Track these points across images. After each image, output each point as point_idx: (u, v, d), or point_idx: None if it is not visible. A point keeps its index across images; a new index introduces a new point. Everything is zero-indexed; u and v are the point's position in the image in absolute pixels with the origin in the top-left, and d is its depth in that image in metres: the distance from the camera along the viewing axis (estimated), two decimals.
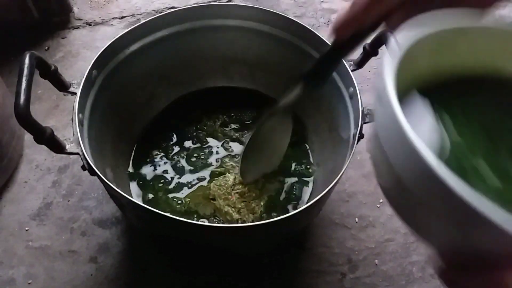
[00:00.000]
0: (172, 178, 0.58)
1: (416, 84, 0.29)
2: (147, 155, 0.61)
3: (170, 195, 0.57)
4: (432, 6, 0.26)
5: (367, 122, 0.49)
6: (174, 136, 0.63)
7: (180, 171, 0.59)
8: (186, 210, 0.55)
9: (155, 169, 0.59)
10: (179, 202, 0.56)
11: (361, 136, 0.47)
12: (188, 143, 0.62)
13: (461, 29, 0.28)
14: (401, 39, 0.25)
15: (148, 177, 0.59)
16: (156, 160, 0.60)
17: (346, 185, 0.64)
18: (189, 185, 0.58)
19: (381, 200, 0.63)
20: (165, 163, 0.60)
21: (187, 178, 0.58)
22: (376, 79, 0.29)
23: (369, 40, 0.48)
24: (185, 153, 0.61)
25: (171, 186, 0.58)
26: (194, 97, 0.67)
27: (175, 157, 0.60)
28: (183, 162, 0.60)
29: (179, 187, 0.58)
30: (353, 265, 0.57)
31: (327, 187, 0.43)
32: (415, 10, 0.26)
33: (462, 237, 0.22)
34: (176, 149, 0.61)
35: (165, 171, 0.59)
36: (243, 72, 0.65)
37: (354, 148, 0.46)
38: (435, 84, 0.29)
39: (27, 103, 0.38)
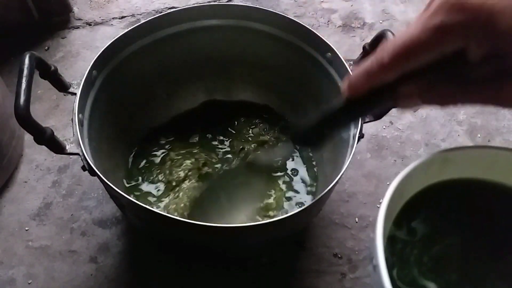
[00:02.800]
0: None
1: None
2: (147, 155, 0.61)
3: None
4: (446, 94, 0.24)
5: (367, 122, 0.49)
6: (174, 136, 0.63)
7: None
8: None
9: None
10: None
11: (361, 136, 0.47)
12: (188, 143, 0.62)
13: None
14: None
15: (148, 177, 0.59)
16: (156, 160, 0.60)
17: (346, 185, 0.64)
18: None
19: (381, 200, 0.63)
20: (164, 163, 0.60)
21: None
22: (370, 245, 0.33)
23: (368, 39, 0.48)
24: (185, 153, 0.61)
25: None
26: (194, 97, 0.67)
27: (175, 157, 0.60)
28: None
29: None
30: (353, 265, 0.57)
31: (327, 187, 0.43)
32: (437, 89, 0.24)
33: None
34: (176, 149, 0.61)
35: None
36: (243, 72, 0.65)
37: (354, 148, 0.45)
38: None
39: (27, 104, 0.38)
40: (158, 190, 0.58)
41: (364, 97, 0.26)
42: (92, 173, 0.43)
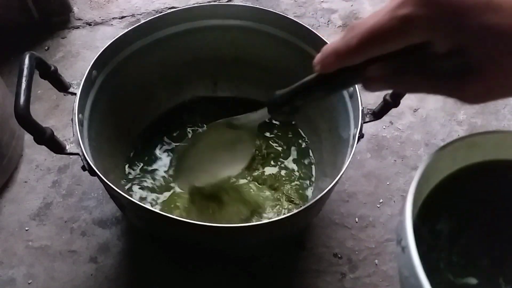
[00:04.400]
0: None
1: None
2: (147, 156, 0.61)
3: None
4: (411, 81, 0.25)
5: (367, 122, 0.49)
6: (174, 136, 0.63)
7: None
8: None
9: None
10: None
11: (361, 136, 0.47)
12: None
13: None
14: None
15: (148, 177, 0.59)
16: (156, 160, 0.60)
17: (346, 185, 0.64)
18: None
19: (381, 200, 0.63)
20: (165, 163, 0.60)
21: None
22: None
23: None
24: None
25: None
26: (194, 98, 0.67)
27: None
28: None
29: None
30: (353, 265, 0.57)
31: (327, 187, 0.43)
32: (401, 76, 0.25)
33: None
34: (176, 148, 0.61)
35: (165, 171, 0.59)
36: (243, 72, 0.65)
37: (354, 148, 0.46)
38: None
39: (27, 104, 0.38)
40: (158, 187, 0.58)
41: (334, 74, 0.27)
42: (92, 173, 0.43)
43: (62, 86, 0.48)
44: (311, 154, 0.62)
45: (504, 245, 0.36)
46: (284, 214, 0.56)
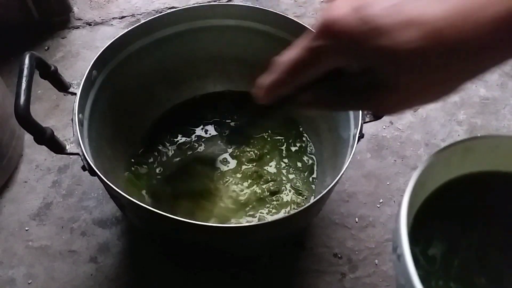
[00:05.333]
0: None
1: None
2: (147, 155, 0.61)
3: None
4: (340, 102, 0.29)
5: (367, 122, 0.49)
6: (174, 136, 0.63)
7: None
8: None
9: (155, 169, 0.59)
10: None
11: (361, 136, 0.47)
12: (187, 143, 0.62)
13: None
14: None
15: (147, 177, 0.58)
16: (156, 160, 0.60)
17: (346, 185, 0.64)
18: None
19: (381, 200, 0.63)
20: (164, 163, 0.60)
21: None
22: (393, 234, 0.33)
23: None
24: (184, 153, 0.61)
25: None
26: (194, 98, 0.67)
27: (175, 158, 0.60)
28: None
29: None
30: (353, 265, 0.57)
31: (327, 187, 0.43)
32: (327, 97, 0.29)
33: None
34: (176, 149, 0.61)
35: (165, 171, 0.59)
36: (243, 72, 0.65)
37: (354, 148, 0.45)
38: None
39: (27, 104, 0.38)
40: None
41: (272, 104, 0.31)
42: (92, 173, 0.43)
43: (62, 86, 0.48)
44: (311, 153, 0.62)
45: (500, 259, 0.35)
46: (288, 209, 0.56)
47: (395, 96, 0.25)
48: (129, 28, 0.54)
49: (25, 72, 0.40)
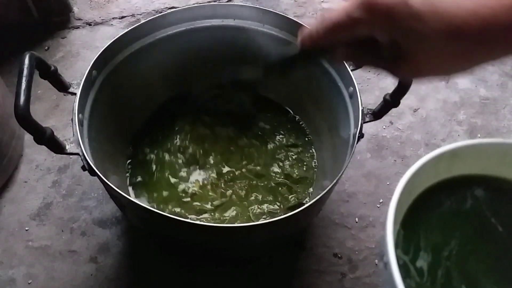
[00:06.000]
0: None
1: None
2: (147, 155, 0.61)
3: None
4: (370, 59, 0.34)
5: (367, 122, 0.49)
6: (174, 136, 0.63)
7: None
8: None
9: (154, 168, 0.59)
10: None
11: (361, 135, 0.47)
12: (187, 143, 0.62)
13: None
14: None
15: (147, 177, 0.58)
16: (155, 160, 0.60)
17: (346, 185, 0.64)
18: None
19: (381, 200, 0.63)
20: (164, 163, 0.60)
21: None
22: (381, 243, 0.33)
23: None
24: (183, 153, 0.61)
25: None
26: (194, 97, 0.67)
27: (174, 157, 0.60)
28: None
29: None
30: (353, 265, 0.57)
31: (327, 187, 0.43)
32: (357, 55, 0.34)
33: None
34: (176, 149, 0.61)
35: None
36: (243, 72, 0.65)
37: (354, 148, 0.45)
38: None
39: (27, 104, 0.38)
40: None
41: (312, 50, 0.36)
42: (92, 173, 0.42)
43: (62, 86, 0.48)
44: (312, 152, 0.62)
45: (477, 266, 0.35)
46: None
47: (410, 66, 0.30)
48: (129, 28, 0.54)
49: (25, 72, 0.40)
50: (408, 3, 0.27)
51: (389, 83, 0.76)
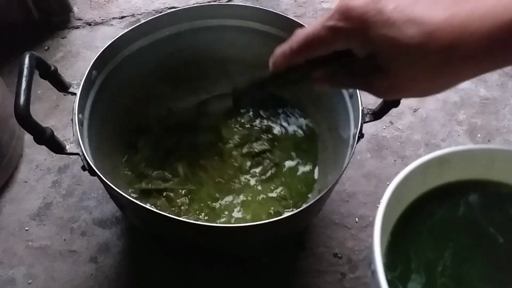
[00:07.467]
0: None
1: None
2: (147, 155, 0.61)
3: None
4: (350, 81, 0.32)
5: (367, 122, 0.49)
6: (174, 136, 0.63)
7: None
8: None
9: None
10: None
11: (361, 135, 0.47)
12: (187, 143, 0.62)
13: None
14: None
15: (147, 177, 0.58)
16: (155, 160, 0.60)
17: (346, 185, 0.64)
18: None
19: (381, 200, 0.63)
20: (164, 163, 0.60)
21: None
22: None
23: None
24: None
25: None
26: (194, 97, 0.67)
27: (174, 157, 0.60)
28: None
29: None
30: (353, 265, 0.57)
31: (327, 187, 0.43)
32: (334, 76, 0.33)
33: None
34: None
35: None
36: (243, 73, 0.65)
37: (354, 148, 0.46)
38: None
39: (27, 104, 0.38)
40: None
41: (284, 73, 0.34)
42: (92, 173, 0.43)
43: (62, 86, 0.48)
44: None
45: (472, 275, 0.35)
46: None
47: (387, 81, 0.28)
48: (129, 28, 0.54)
49: (25, 72, 0.40)
50: (381, 10, 0.26)
51: None
